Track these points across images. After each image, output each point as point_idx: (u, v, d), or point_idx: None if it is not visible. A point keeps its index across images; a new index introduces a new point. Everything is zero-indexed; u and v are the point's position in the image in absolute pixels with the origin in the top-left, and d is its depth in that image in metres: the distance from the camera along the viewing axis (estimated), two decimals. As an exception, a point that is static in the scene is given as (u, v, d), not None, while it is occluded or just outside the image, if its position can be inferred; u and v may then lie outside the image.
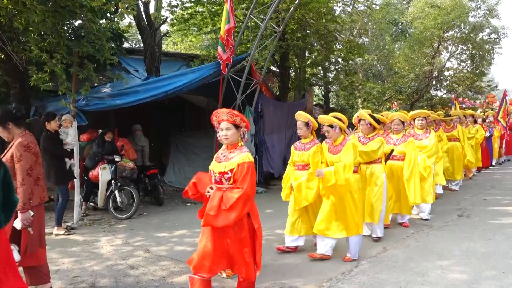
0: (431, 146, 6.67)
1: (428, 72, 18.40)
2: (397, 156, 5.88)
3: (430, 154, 6.61)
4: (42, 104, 8.39)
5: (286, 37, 12.05)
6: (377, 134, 5.45)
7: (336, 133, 4.75)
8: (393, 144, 5.96)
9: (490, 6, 17.92)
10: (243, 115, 3.60)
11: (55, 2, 6.29)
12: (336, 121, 4.69)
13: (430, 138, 6.77)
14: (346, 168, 4.47)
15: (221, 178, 3.46)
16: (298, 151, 4.94)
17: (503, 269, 4.38)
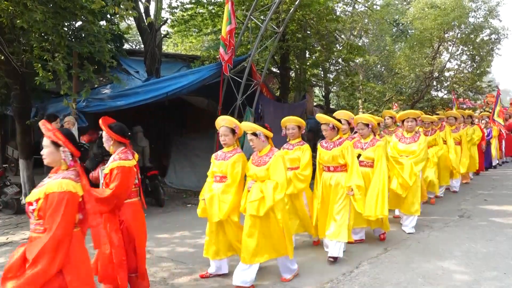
0: (419, 151, 5.95)
1: (429, 72, 18.38)
2: (364, 162, 5.28)
3: (417, 160, 5.90)
4: (43, 105, 8.41)
5: (287, 38, 12.05)
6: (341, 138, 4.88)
7: (262, 142, 4.17)
8: (361, 148, 5.42)
9: (491, 7, 17.90)
10: None
11: (56, 4, 6.31)
12: (259, 128, 4.12)
13: (418, 142, 6.04)
14: (278, 188, 3.93)
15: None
16: (218, 160, 4.28)
17: (504, 270, 4.37)
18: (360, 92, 18.84)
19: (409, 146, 6.07)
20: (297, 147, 5.07)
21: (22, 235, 6.07)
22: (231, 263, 4.40)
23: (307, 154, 4.93)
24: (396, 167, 5.91)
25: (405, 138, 6.18)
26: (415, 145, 6.02)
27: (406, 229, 5.87)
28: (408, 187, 5.78)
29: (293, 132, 5.09)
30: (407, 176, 5.76)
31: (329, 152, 4.80)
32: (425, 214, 6.78)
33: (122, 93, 7.89)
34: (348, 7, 16.65)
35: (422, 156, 5.97)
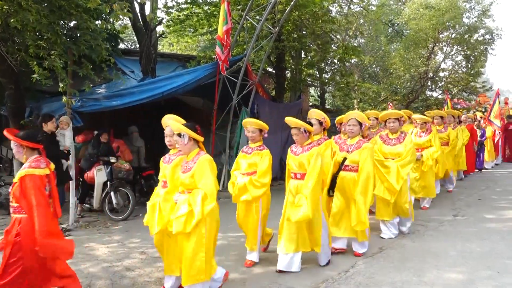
0: (405, 153, 5.52)
1: (424, 73, 18.48)
2: (349, 166, 4.91)
3: (403, 163, 5.47)
4: (37, 105, 8.36)
5: (282, 38, 12.05)
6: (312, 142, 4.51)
7: (185, 144, 3.69)
8: (346, 151, 4.99)
9: (484, 7, 18.02)
10: None
11: (50, 2, 6.28)
12: (184, 130, 3.65)
13: (404, 143, 5.60)
14: (207, 198, 3.46)
15: None
16: (164, 164, 4.13)
17: (499, 269, 4.40)
18: (356, 92, 18.90)
19: (394, 148, 5.64)
20: (256, 151, 4.68)
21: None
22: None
23: (266, 160, 4.56)
24: (381, 170, 5.52)
25: (389, 140, 5.74)
26: (401, 146, 5.60)
27: (403, 229, 5.78)
28: (395, 192, 5.42)
29: (253, 136, 4.71)
30: (394, 181, 5.39)
31: (297, 158, 4.43)
32: (420, 214, 6.82)
33: (117, 93, 7.85)
34: (343, 7, 16.71)
35: (410, 158, 5.51)
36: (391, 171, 5.45)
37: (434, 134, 7.33)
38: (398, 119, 5.71)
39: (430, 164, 7.06)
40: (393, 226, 5.66)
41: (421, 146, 7.17)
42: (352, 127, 4.97)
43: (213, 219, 3.66)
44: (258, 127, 4.73)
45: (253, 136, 4.71)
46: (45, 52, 6.29)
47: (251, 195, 4.47)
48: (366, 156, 4.78)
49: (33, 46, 6.20)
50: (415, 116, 7.52)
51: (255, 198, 4.51)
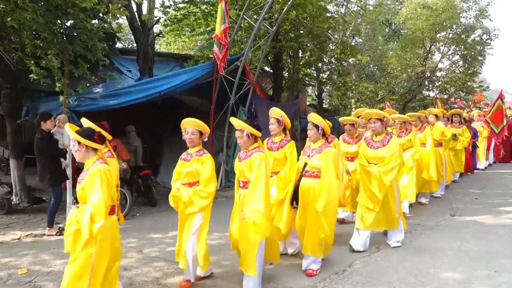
0: (389, 157, 4.93)
1: (421, 72, 18.51)
2: (309, 172, 4.44)
3: (386, 169, 4.88)
4: (34, 104, 8.33)
5: (280, 38, 12.06)
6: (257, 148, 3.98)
7: (78, 151, 3.29)
8: (308, 155, 4.52)
9: (482, 7, 18.06)
10: None
11: (47, 2, 6.26)
12: (78, 138, 3.23)
13: (388, 146, 4.99)
14: (95, 216, 3.05)
15: None
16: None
17: (496, 268, 4.41)
18: (353, 92, 18.92)
19: (378, 151, 5.06)
20: (195, 158, 4.03)
21: (13, 235, 6.01)
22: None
23: (208, 166, 3.97)
24: (364, 177, 5.05)
25: (373, 142, 5.14)
26: (385, 150, 5.00)
27: (391, 243, 5.22)
28: (378, 200, 4.92)
29: (192, 138, 4.07)
30: (376, 189, 4.87)
31: (240, 164, 4.03)
32: (417, 214, 6.85)
33: (115, 92, 7.84)
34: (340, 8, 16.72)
35: (393, 164, 4.89)
36: (372, 178, 4.93)
37: (413, 134, 6.92)
38: (381, 119, 5.06)
39: (410, 165, 6.58)
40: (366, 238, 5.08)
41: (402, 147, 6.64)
42: (309, 131, 4.50)
43: (105, 238, 3.16)
44: (199, 129, 4.07)
45: (192, 138, 4.05)
46: (42, 52, 6.27)
47: (198, 206, 3.90)
48: (327, 162, 4.27)
49: (30, 45, 6.18)
50: (393, 115, 6.99)
51: (202, 209, 3.96)
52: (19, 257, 5.07)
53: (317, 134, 4.45)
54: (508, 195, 8.46)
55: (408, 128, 6.97)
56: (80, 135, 3.24)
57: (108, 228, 3.19)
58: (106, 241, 3.17)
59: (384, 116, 5.06)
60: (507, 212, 6.97)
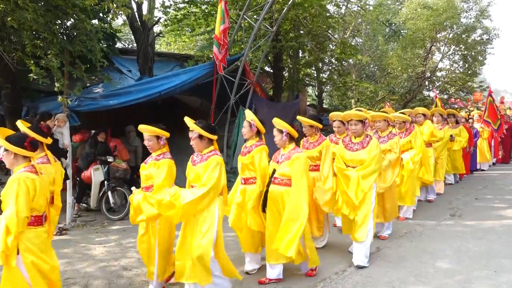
0: (369, 160, 4.59)
1: (421, 72, 18.51)
2: (278, 179, 4.14)
3: (365, 173, 4.56)
4: (34, 104, 8.33)
5: (280, 38, 12.07)
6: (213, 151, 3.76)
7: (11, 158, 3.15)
8: (276, 162, 4.26)
9: (482, 7, 18.05)
10: None
11: (47, 2, 6.26)
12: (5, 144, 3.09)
13: (368, 149, 4.66)
14: (11, 227, 2.87)
15: None
16: None
17: (495, 268, 4.42)
18: (353, 92, 18.92)
19: (356, 154, 4.72)
20: (152, 162, 3.90)
21: (13, 235, 6.00)
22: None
23: (164, 171, 3.76)
24: (341, 181, 4.71)
25: (352, 144, 4.82)
26: (364, 152, 4.67)
27: (355, 261, 4.58)
28: (354, 206, 4.58)
29: (149, 144, 3.94)
30: (353, 194, 4.53)
31: (194, 168, 3.79)
32: (417, 214, 6.84)
33: (115, 92, 7.84)
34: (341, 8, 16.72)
35: (373, 167, 4.57)
36: (350, 182, 4.60)
37: (415, 134, 6.51)
38: (362, 121, 4.74)
39: (410, 168, 6.24)
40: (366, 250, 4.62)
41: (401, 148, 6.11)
42: (275, 137, 4.19)
43: (28, 249, 2.99)
44: (153, 134, 3.91)
45: (150, 145, 3.94)
46: (41, 52, 6.28)
47: (146, 214, 3.67)
48: (297, 168, 3.98)
49: (29, 45, 6.18)
50: (393, 114, 6.65)
51: (151, 218, 3.74)
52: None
53: (283, 140, 4.16)
54: (508, 195, 8.46)
55: (408, 128, 6.61)
56: (9, 141, 3.09)
57: (31, 238, 3.02)
58: (29, 253, 2.99)
59: (366, 118, 4.81)
60: (507, 212, 6.97)
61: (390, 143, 5.53)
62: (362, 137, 4.78)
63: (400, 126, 6.54)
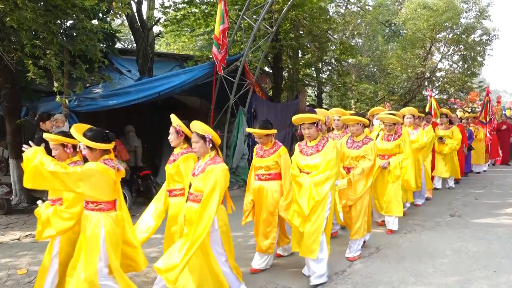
0: (324, 165, 4.11)
1: (421, 73, 18.52)
2: (193, 195, 3.58)
3: (319, 180, 4.06)
4: (33, 104, 8.33)
5: (279, 38, 12.07)
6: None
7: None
8: (192, 174, 3.76)
9: (482, 8, 18.07)
10: None
11: (47, 2, 6.26)
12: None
13: (323, 153, 4.18)
14: None
15: None
16: None
17: (495, 269, 4.42)
18: (353, 92, 18.93)
19: (310, 158, 4.25)
20: None
21: (13, 235, 6.00)
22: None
23: None
24: (294, 188, 4.27)
25: (307, 148, 4.34)
26: (319, 156, 4.19)
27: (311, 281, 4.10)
28: (305, 217, 4.05)
29: (57, 153, 3.59)
30: (304, 202, 4.02)
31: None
32: (417, 214, 6.85)
33: (114, 93, 7.84)
34: (341, 8, 16.74)
35: (329, 173, 4.06)
36: (302, 189, 4.13)
37: (404, 138, 5.98)
38: (315, 123, 4.27)
39: (397, 174, 5.74)
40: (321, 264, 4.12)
41: (389, 152, 5.92)
42: (194, 144, 3.61)
43: None
44: (58, 143, 3.59)
45: (56, 154, 3.59)
46: (41, 52, 6.27)
47: (55, 229, 3.40)
48: (212, 183, 3.36)
49: (29, 45, 6.18)
50: (381, 115, 6.17)
51: (61, 233, 3.47)
52: (18, 257, 5.07)
53: (205, 147, 3.54)
54: (508, 195, 8.46)
55: (398, 131, 6.03)
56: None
57: None
58: None
59: (319, 120, 4.31)
60: (506, 212, 6.98)
61: (365, 149, 4.91)
62: (317, 140, 4.30)
63: (390, 129, 5.98)
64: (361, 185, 4.83)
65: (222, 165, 3.48)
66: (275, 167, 4.46)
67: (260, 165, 4.51)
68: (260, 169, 4.54)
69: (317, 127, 4.27)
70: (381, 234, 5.70)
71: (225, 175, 3.44)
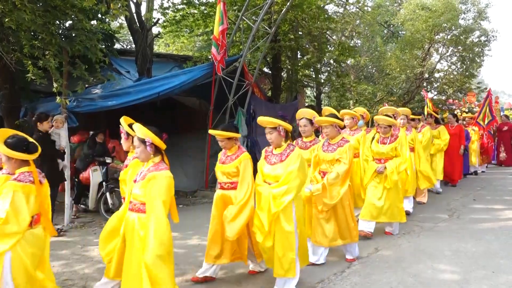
0: (285, 175, 3.73)
1: (419, 73, 18.57)
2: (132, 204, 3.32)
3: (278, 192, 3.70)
4: (32, 105, 8.32)
5: (278, 39, 12.09)
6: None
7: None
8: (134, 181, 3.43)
9: (480, 9, 18.13)
10: None
11: (46, 2, 6.26)
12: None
13: (286, 163, 3.79)
14: None
15: None
16: None
17: (493, 269, 4.42)
18: (352, 93, 18.95)
19: (273, 168, 3.88)
20: None
21: (11, 236, 5.98)
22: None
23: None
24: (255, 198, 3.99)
25: (272, 156, 3.97)
26: (281, 167, 3.80)
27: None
28: (266, 233, 3.71)
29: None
30: (264, 217, 3.71)
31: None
32: (415, 215, 6.85)
33: (113, 93, 7.83)
34: (339, 8, 16.78)
35: (288, 187, 3.67)
36: (262, 201, 3.82)
37: (401, 140, 5.65)
38: (275, 128, 3.86)
39: (395, 179, 5.48)
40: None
41: (385, 156, 5.62)
42: (136, 148, 3.32)
43: None
44: None
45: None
46: (39, 52, 6.27)
47: None
48: (153, 194, 3.09)
49: (27, 46, 6.17)
50: (377, 117, 5.84)
51: None
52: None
53: (146, 152, 3.24)
54: (506, 196, 8.48)
55: (394, 133, 5.74)
56: None
57: None
58: None
59: (279, 125, 3.84)
60: (505, 213, 6.99)
61: (339, 152, 4.53)
62: (282, 148, 3.91)
63: (385, 131, 5.68)
64: (337, 190, 4.46)
65: (166, 173, 3.17)
66: (236, 174, 4.07)
67: (223, 171, 4.14)
68: (222, 176, 4.17)
69: (280, 133, 3.84)
70: (380, 235, 5.69)
71: (167, 184, 3.13)
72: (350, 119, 6.27)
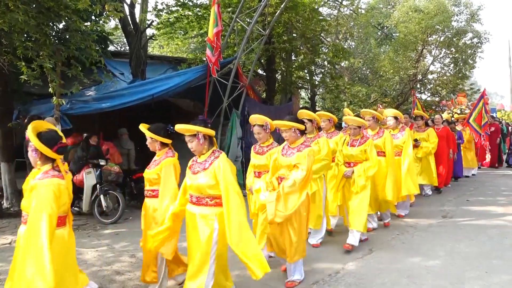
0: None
1: (413, 75, 18.69)
2: None
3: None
4: (25, 107, 8.27)
5: (273, 40, 12.11)
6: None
7: None
8: None
9: (473, 11, 18.30)
10: None
11: (39, 4, 6.23)
12: None
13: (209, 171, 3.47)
14: None
15: None
16: None
17: (487, 269, 4.45)
18: (346, 94, 19.03)
19: (195, 177, 3.56)
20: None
21: (4, 239, 5.95)
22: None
23: None
24: None
25: (196, 164, 3.64)
26: (203, 176, 3.48)
27: None
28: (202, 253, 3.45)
29: None
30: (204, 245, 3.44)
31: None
32: (409, 215, 6.88)
33: (107, 95, 7.81)
34: (333, 10, 16.83)
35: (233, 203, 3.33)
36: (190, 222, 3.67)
37: (370, 143, 5.26)
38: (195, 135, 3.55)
39: (362, 184, 5.12)
40: None
41: (354, 159, 5.29)
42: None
43: None
44: None
45: None
46: (33, 54, 6.24)
47: None
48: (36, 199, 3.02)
49: (21, 47, 6.14)
50: (346, 118, 5.57)
51: None
52: (10, 262, 5.00)
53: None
54: (499, 196, 8.55)
55: (364, 135, 5.43)
56: None
57: None
58: None
59: (198, 131, 3.51)
60: (497, 214, 7.05)
61: (298, 157, 4.10)
62: (206, 156, 3.57)
63: (355, 132, 5.33)
64: (294, 199, 3.96)
65: (53, 179, 3.05)
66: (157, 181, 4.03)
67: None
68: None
69: (200, 140, 3.50)
70: (374, 236, 5.72)
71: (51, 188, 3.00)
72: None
